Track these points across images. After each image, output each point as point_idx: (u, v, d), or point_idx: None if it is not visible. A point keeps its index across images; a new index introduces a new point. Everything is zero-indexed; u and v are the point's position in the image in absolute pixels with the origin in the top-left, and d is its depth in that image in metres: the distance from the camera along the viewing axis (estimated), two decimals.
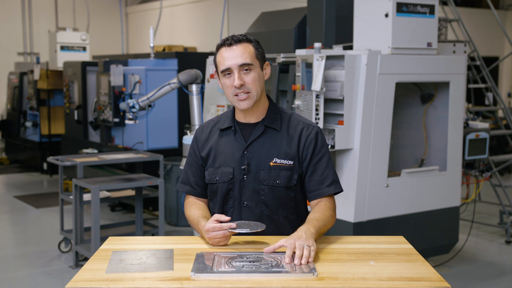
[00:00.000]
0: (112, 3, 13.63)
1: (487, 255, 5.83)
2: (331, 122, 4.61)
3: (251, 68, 2.30)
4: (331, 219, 2.34)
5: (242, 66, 2.29)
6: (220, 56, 2.33)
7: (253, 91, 2.30)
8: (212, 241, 2.18)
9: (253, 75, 2.30)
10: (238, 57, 2.28)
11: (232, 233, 2.17)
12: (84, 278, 1.89)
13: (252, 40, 2.35)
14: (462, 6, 13.56)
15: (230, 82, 2.30)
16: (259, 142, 2.36)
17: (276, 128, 2.38)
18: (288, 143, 2.36)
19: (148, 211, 7.32)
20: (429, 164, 5.23)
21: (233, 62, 2.28)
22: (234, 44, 2.30)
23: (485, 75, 6.57)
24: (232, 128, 2.41)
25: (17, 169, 10.78)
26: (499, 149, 9.74)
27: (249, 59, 2.29)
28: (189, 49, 9.52)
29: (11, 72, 11.27)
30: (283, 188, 2.34)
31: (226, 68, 2.30)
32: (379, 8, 4.71)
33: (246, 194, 2.36)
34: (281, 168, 2.33)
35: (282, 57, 4.87)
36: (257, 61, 2.33)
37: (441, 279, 1.88)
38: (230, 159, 2.37)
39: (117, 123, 7.47)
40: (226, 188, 2.37)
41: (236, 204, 2.37)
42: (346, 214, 4.56)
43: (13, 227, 7.04)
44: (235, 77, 2.28)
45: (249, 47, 2.32)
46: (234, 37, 2.32)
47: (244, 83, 2.28)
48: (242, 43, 2.31)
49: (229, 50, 2.30)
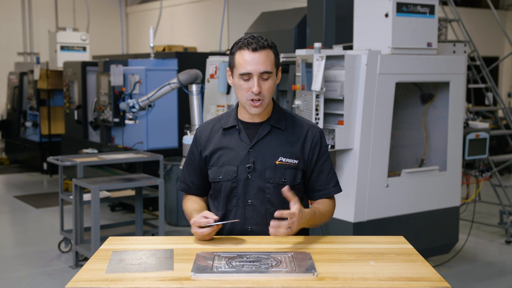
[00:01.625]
0: (112, 3, 13.63)
1: (487, 255, 5.83)
2: (331, 122, 4.61)
3: (270, 76, 2.33)
4: (330, 214, 2.47)
5: (263, 74, 2.31)
6: (241, 58, 2.32)
7: (267, 99, 2.34)
8: (196, 235, 2.26)
9: (270, 83, 2.33)
10: (261, 64, 2.30)
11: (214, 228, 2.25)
12: (84, 278, 1.89)
13: (273, 45, 2.37)
14: (462, 6, 13.56)
15: (247, 86, 2.32)
16: (265, 141, 2.39)
17: (281, 128, 2.42)
18: (293, 143, 2.40)
19: (148, 211, 7.32)
20: (429, 164, 5.23)
21: (255, 68, 2.29)
22: (258, 50, 2.30)
23: (485, 75, 6.57)
24: (236, 127, 2.43)
25: (17, 169, 10.78)
26: (499, 149, 9.74)
27: (270, 67, 2.32)
28: (189, 49, 9.52)
29: (11, 72, 11.27)
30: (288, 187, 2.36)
31: (247, 73, 2.31)
32: (379, 8, 4.71)
33: (251, 193, 2.38)
34: (287, 167, 2.38)
35: (282, 57, 4.87)
36: (275, 69, 2.37)
37: (441, 279, 1.88)
38: (234, 158, 2.39)
39: (117, 123, 7.47)
40: (230, 187, 2.40)
41: (240, 202, 2.39)
42: (346, 214, 4.56)
43: (13, 227, 7.04)
44: (254, 83, 2.30)
45: (271, 55, 2.34)
46: (258, 42, 2.31)
47: (261, 91, 2.31)
48: (266, 49, 2.32)
49: (253, 55, 2.30)
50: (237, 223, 2.40)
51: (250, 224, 2.39)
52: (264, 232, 2.36)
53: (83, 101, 8.44)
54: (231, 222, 2.34)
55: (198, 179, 2.51)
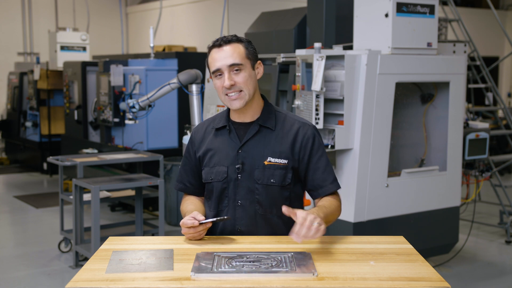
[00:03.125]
0: (112, 3, 13.63)
1: (487, 255, 5.83)
2: (331, 122, 4.61)
3: (241, 68, 2.31)
4: (338, 210, 2.41)
5: (232, 67, 2.30)
6: (210, 58, 2.35)
7: (245, 90, 2.32)
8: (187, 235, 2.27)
9: (243, 74, 2.31)
10: (228, 58, 2.29)
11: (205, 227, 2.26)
12: (84, 278, 1.89)
13: (243, 40, 2.36)
14: (462, 6, 13.56)
15: (220, 83, 2.32)
16: (254, 141, 2.37)
17: (270, 127, 2.39)
18: (282, 142, 2.37)
19: (148, 211, 7.32)
20: (429, 164, 5.23)
21: (223, 62, 2.30)
22: (223, 45, 2.31)
23: (485, 75, 6.57)
24: (226, 128, 2.42)
25: (17, 169, 10.78)
26: (499, 149, 9.74)
27: (238, 59, 2.30)
28: (189, 49, 9.52)
29: (11, 72, 11.27)
30: (277, 187, 2.35)
31: (216, 69, 2.32)
32: (379, 8, 4.71)
33: (240, 193, 2.37)
34: (276, 167, 2.35)
35: (282, 57, 4.86)
36: (247, 61, 2.33)
37: (441, 279, 1.88)
38: (225, 159, 2.38)
39: (117, 123, 7.47)
40: (221, 187, 2.39)
41: (230, 203, 2.38)
42: (346, 214, 4.56)
43: (13, 227, 7.05)
44: (225, 77, 2.30)
45: (239, 47, 2.32)
46: (224, 38, 2.33)
47: (235, 83, 2.30)
48: (232, 43, 2.32)
49: (219, 51, 2.31)
50: (227, 224, 2.38)
51: (240, 225, 2.37)
52: (253, 233, 2.36)
53: (83, 101, 8.44)
54: (217, 220, 2.29)
55: (195, 179, 2.51)
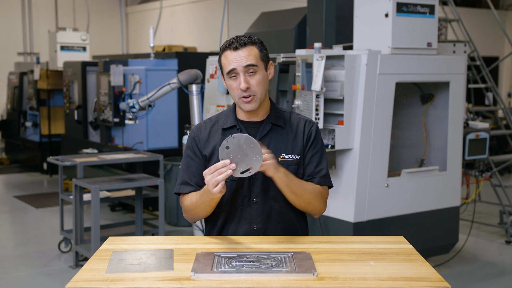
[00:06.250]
0: (112, 3, 13.63)
1: (487, 255, 5.83)
2: (331, 122, 4.61)
3: (256, 70, 2.34)
4: (313, 194, 2.37)
5: (248, 68, 2.33)
6: (225, 59, 2.36)
7: (258, 94, 2.35)
8: (210, 183, 2.16)
9: (258, 77, 2.34)
10: (243, 59, 2.32)
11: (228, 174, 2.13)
12: (84, 278, 1.89)
13: (257, 41, 2.39)
14: (462, 6, 13.56)
15: (236, 85, 2.35)
16: (267, 139, 2.41)
17: (281, 125, 2.44)
18: (293, 139, 2.43)
19: (148, 211, 7.32)
20: (429, 164, 5.23)
21: (239, 64, 2.32)
22: (239, 48, 2.33)
23: (485, 75, 6.57)
24: (237, 127, 2.43)
25: (17, 169, 10.78)
26: (499, 149, 9.74)
27: (253, 60, 2.33)
28: (189, 49, 9.52)
29: (11, 72, 11.27)
30: None
31: (232, 69, 2.33)
32: (379, 8, 4.71)
33: (255, 191, 2.38)
34: (289, 163, 2.39)
35: (282, 57, 4.86)
36: (261, 63, 2.37)
37: (441, 279, 1.88)
38: None
39: (117, 123, 7.46)
40: (235, 186, 2.39)
41: (245, 201, 2.39)
42: (346, 214, 4.56)
43: (13, 227, 7.05)
44: (241, 80, 2.32)
45: (254, 50, 2.36)
46: (240, 40, 2.35)
47: (249, 86, 2.32)
48: (247, 46, 2.34)
49: (234, 53, 2.34)
50: (242, 223, 2.38)
51: (256, 222, 2.38)
52: (269, 230, 2.37)
53: (83, 101, 8.44)
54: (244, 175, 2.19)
55: (202, 179, 2.40)
